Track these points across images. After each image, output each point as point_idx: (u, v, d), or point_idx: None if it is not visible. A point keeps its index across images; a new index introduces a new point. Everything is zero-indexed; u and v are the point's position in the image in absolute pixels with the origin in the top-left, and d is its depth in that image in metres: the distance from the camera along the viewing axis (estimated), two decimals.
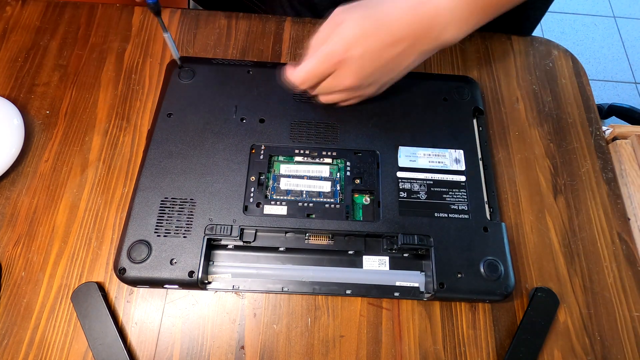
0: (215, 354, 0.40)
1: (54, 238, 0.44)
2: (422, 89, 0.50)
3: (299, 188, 0.44)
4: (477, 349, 0.41)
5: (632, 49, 1.71)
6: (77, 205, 0.45)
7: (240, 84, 0.49)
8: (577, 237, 0.47)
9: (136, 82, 0.52)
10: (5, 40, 0.54)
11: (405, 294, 0.42)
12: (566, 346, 0.42)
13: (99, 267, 0.43)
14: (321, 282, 0.42)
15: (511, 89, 0.55)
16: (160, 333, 0.41)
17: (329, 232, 0.42)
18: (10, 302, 0.41)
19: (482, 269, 0.41)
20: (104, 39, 0.55)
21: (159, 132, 0.46)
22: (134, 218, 0.41)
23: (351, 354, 0.41)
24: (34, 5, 0.56)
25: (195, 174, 0.44)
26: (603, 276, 0.45)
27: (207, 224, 0.41)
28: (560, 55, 0.58)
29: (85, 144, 0.48)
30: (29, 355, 0.39)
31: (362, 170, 0.45)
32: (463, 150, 0.47)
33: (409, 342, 0.41)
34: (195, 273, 0.39)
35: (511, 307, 0.43)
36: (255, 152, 0.45)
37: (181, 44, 0.55)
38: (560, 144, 0.52)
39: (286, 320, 0.42)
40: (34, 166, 0.47)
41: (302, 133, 0.47)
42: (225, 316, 0.42)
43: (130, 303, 0.42)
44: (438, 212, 0.43)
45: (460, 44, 0.58)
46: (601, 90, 1.62)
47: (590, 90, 0.56)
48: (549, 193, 0.49)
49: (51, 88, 0.51)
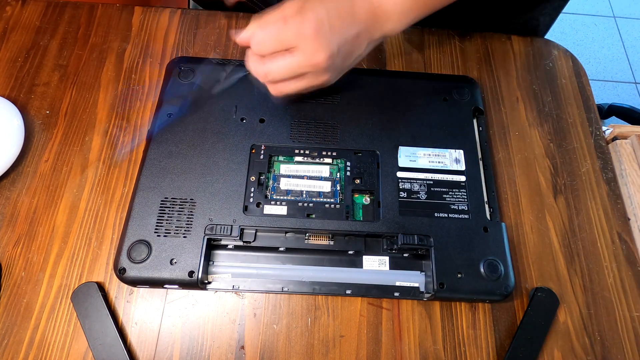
0: (215, 354, 0.40)
1: (54, 238, 0.44)
2: (422, 89, 0.50)
3: (299, 188, 0.44)
4: (477, 349, 0.41)
5: (632, 49, 1.71)
6: (77, 205, 0.45)
7: (240, 84, 0.49)
8: (577, 237, 0.47)
9: (136, 82, 0.52)
10: (5, 40, 0.54)
11: (405, 294, 0.42)
12: (566, 346, 0.42)
13: (99, 267, 0.43)
14: (321, 282, 0.42)
15: (511, 89, 0.55)
16: (160, 333, 0.41)
17: (329, 232, 0.42)
18: (10, 302, 0.41)
19: (482, 269, 0.41)
20: (104, 39, 0.55)
21: (159, 132, 0.46)
22: (134, 218, 0.41)
23: (351, 354, 0.41)
24: (34, 5, 0.56)
25: (195, 174, 0.44)
26: (603, 276, 0.45)
27: (207, 224, 0.41)
28: (560, 55, 0.58)
29: (85, 144, 0.48)
30: (29, 355, 0.39)
31: (362, 170, 0.45)
32: (463, 150, 0.47)
33: (409, 342, 0.41)
34: (195, 273, 0.39)
35: (511, 307, 0.43)
36: (255, 152, 0.45)
37: (181, 44, 0.55)
38: (560, 144, 0.52)
39: (286, 320, 0.42)
40: (34, 166, 0.47)
41: (302, 133, 0.47)
42: (225, 316, 0.42)
43: (130, 303, 0.42)
44: (438, 212, 0.43)
45: (460, 44, 0.58)
46: (601, 90, 1.62)
47: (590, 90, 0.56)
48: (549, 193, 0.49)
49: (51, 88, 0.51)
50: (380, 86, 0.50)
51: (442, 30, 0.58)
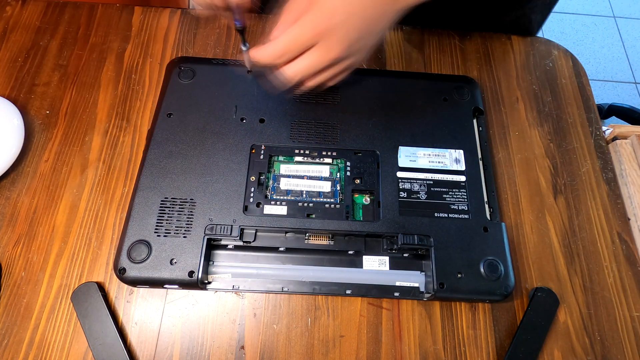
0: (215, 354, 0.40)
1: (54, 238, 0.44)
2: (422, 89, 0.50)
3: (299, 188, 0.44)
4: (477, 349, 0.41)
5: (632, 49, 1.71)
6: (77, 205, 0.45)
7: (240, 84, 0.49)
8: (577, 237, 0.47)
9: (136, 82, 0.52)
10: (5, 40, 0.54)
11: (405, 294, 0.42)
12: (566, 346, 0.42)
13: (99, 267, 0.43)
14: (321, 282, 0.42)
15: (511, 89, 0.55)
16: (160, 333, 0.41)
17: (329, 232, 0.42)
18: (10, 302, 0.41)
19: (482, 269, 0.41)
20: (104, 39, 0.55)
21: (159, 132, 0.46)
22: (134, 218, 0.41)
23: (351, 354, 0.41)
24: (34, 5, 0.56)
25: (195, 174, 0.44)
26: (603, 276, 0.45)
27: (207, 224, 0.41)
28: (560, 55, 0.58)
29: (85, 144, 0.48)
30: (29, 355, 0.39)
31: (362, 170, 0.45)
32: (463, 150, 0.47)
33: (409, 342, 0.41)
34: (195, 273, 0.39)
35: (511, 307, 0.43)
36: (255, 152, 0.45)
37: (181, 44, 0.55)
38: (560, 144, 0.52)
39: (286, 320, 0.42)
40: (34, 166, 0.47)
41: (302, 133, 0.47)
42: (225, 316, 0.42)
43: (130, 303, 0.42)
44: (438, 212, 0.43)
45: (460, 44, 0.58)
46: (601, 90, 1.62)
47: (590, 90, 0.56)
48: (549, 193, 0.49)
49: (51, 88, 0.51)
50: (380, 86, 0.50)
51: (442, 30, 0.58)
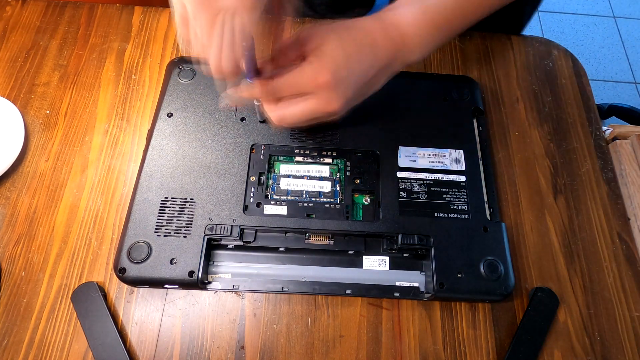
0: (215, 354, 0.40)
1: (54, 238, 0.44)
2: (422, 89, 0.50)
3: (299, 188, 0.44)
4: (477, 349, 0.41)
5: (632, 49, 1.71)
6: (77, 205, 0.45)
7: None
8: (577, 237, 0.47)
9: (136, 82, 0.52)
10: (5, 40, 0.54)
11: (405, 294, 0.42)
12: (566, 346, 0.42)
13: (99, 267, 0.43)
14: (321, 282, 0.42)
15: (511, 89, 0.55)
16: (160, 333, 0.41)
17: (329, 232, 0.42)
18: (10, 302, 0.41)
19: (482, 269, 0.41)
20: (104, 39, 0.55)
21: (159, 132, 0.46)
22: (134, 218, 0.41)
23: (351, 354, 0.41)
24: (34, 5, 0.56)
25: (195, 174, 0.44)
26: (603, 276, 0.45)
27: (207, 223, 0.41)
28: (560, 55, 0.58)
29: (85, 144, 0.48)
30: (29, 355, 0.39)
31: (362, 170, 0.45)
32: (463, 150, 0.47)
33: (409, 342, 0.41)
34: (195, 273, 0.39)
35: (511, 307, 0.43)
36: (255, 152, 0.45)
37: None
38: (560, 144, 0.52)
39: (286, 320, 0.42)
40: (34, 166, 0.47)
41: (302, 133, 0.47)
42: (225, 316, 0.42)
43: (130, 303, 0.42)
44: (438, 212, 0.43)
45: (460, 44, 0.58)
46: (601, 90, 1.62)
47: (590, 90, 0.56)
48: (549, 193, 0.49)
49: (51, 88, 0.51)
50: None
51: None
